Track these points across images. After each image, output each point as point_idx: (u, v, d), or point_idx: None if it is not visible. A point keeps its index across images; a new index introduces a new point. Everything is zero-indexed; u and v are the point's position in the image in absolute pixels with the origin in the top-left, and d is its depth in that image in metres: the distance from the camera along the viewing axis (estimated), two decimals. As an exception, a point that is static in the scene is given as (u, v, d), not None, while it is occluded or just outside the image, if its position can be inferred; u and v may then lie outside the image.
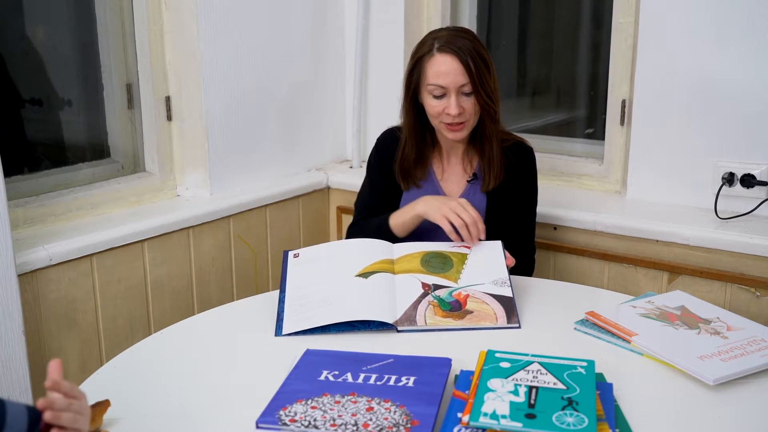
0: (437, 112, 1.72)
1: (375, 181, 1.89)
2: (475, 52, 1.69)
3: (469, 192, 1.82)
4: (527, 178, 1.85)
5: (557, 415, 1.05)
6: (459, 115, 1.70)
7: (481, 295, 1.50)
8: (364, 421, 1.06)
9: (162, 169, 2.21)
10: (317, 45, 2.49)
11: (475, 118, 1.75)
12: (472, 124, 1.75)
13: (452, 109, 1.69)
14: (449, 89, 1.69)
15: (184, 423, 1.14)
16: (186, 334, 1.47)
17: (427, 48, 1.72)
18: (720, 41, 1.94)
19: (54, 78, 2.13)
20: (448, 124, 1.73)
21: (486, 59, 1.71)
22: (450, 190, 1.84)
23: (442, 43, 1.70)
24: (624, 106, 2.17)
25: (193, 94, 2.16)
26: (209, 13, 2.12)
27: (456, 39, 1.70)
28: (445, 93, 1.70)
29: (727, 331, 1.36)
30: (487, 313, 1.46)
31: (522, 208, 1.85)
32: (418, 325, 1.43)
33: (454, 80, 1.68)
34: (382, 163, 1.87)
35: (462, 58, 1.67)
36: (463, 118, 1.72)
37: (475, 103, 1.71)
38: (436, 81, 1.70)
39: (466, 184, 1.83)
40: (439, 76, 1.69)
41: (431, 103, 1.73)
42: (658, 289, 1.98)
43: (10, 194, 1.75)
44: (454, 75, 1.68)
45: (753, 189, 1.94)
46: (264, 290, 2.28)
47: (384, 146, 1.89)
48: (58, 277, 1.82)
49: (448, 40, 1.70)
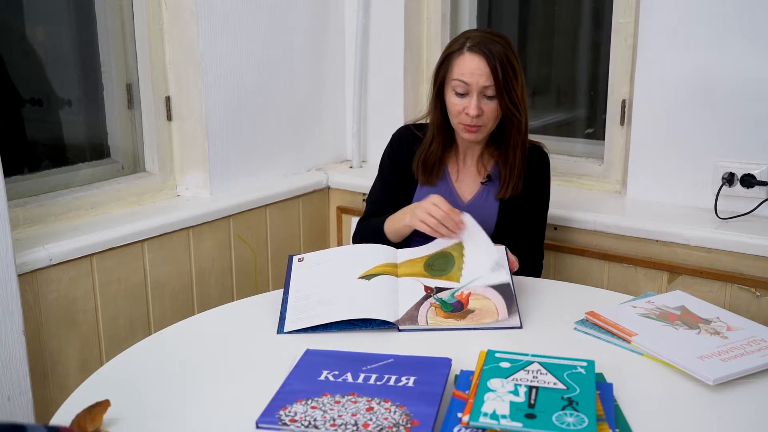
0: (457, 110, 1.72)
1: (387, 179, 1.89)
2: (505, 58, 1.68)
3: (482, 194, 1.82)
4: (541, 184, 1.85)
5: (557, 415, 1.05)
6: (477, 117, 1.70)
7: (482, 290, 1.50)
8: (364, 421, 1.06)
9: (162, 169, 2.21)
10: (317, 45, 2.50)
11: (493, 124, 1.74)
12: (489, 128, 1.75)
13: (472, 110, 1.69)
14: (472, 88, 1.69)
15: (184, 423, 1.14)
16: (186, 334, 1.47)
17: (458, 45, 1.72)
18: (720, 41, 1.94)
19: (54, 78, 2.13)
20: (465, 125, 1.72)
21: (515, 67, 1.70)
22: (463, 191, 1.84)
23: (474, 43, 1.70)
24: (624, 106, 2.17)
25: (193, 94, 2.16)
26: (209, 13, 2.12)
27: (489, 42, 1.69)
28: (468, 92, 1.70)
29: (727, 331, 1.36)
30: (489, 309, 1.47)
31: (534, 214, 1.84)
32: (420, 325, 1.43)
33: (478, 81, 1.68)
34: (395, 161, 1.87)
35: (490, 61, 1.67)
36: (481, 122, 1.71)
37: (497, 108, 1.71)
38: (460, 77, 1.69)
39: (480, 186, 1.83)
40: (464, 74, 1.69)
41: (453, 100, 1.73)
42: (658, 289, 1.98)
43: (10, 194, 1.75)
44: (479, 75, 1.68)
45: (753, 189, 1.94)
46: (264, 290, 2.28)
47: (398, 144, 1.88)
48: (58, 277, 1.82)
49: (481, 41, 1.69)
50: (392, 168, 1.88)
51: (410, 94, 2.51)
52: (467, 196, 1.83)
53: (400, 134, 1.90)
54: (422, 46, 2.53)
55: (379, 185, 1.91)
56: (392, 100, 2.54)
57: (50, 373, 1.84)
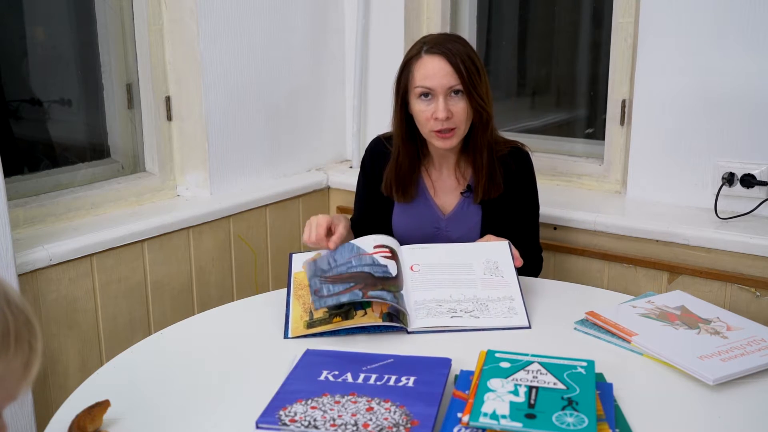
0: (425, 117, 1.66)
1: (362, 198, 1.87)
2: (465, 55, 1.64)
3: (462, 205, 1.77)
4: (526, 183, 1.80)
5: (557, 415, 1.05)
6: (448, 120, 1.64)
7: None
8: (364, 421, 1.06)
9: (162, 169, 2.21)
10: (317, 45, 2.50)
11: (465, 125, 1.68)
12: (462, 131, 1.68)
13: (440, 113, 1.62)
14: (436, 91, 1.64)
15: (183, 423, 1.14)
16: (186, 334, 1.47)
17: (415, 50, 1.68)
18: (720, 41, 1.94)
19: (54, 78, 2.13)
20: (437, 132, 1.66)
21: (477, 65, 1.66)
22: (443, 204, 1.79)
23: (432, 45, 1.66)
24: (624, 106, 2.17)
25: (193, 94, 2.16)
26: (209, 13, 2.12)
27: (446, 42, 1.66)
28: (433, 95, 1.64)
29: (727, 331, 1.36)
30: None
31: (523, 214, 1.80)
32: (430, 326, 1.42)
33: (441, 82, 1.63)
34: (367, 180, 1.84)
35: (451, 59, 1.63)
36: (452, 124, 1.65)
37: (466, 108, 1.65)
38: (423, 83, 1.64)
39: (460, 197, 1.78)
40: (427, 78, 1.64)
41: (419, 107, 1.67)
42: (658, 289, 1.98)
43: (10, 194, 1.75)
44: (442, 76, 1.63)
45: (753, 189, 1.94)
46: (264, 290, 2.28)
47: (371, 158, 1.84)
48: (58, 277, 1.82)
49: (438, 42, 1.66)
50: (367, 186, 1.84)
51: (410, 94, 2.50)
52: (447, 208, 1.78)
53: (372, 148, 1.85)
54: (422, 46, 2.53)
55: (357, 204, 1.88)
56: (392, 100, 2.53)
57: (50, 373, 1.84)
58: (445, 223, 1.78)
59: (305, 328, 1.42)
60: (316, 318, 1.44)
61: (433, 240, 1.75)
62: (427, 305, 1.47)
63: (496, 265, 1.56)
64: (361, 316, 1.42)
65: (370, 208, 1.84)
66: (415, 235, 1.76)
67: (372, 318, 1.41)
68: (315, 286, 1.46)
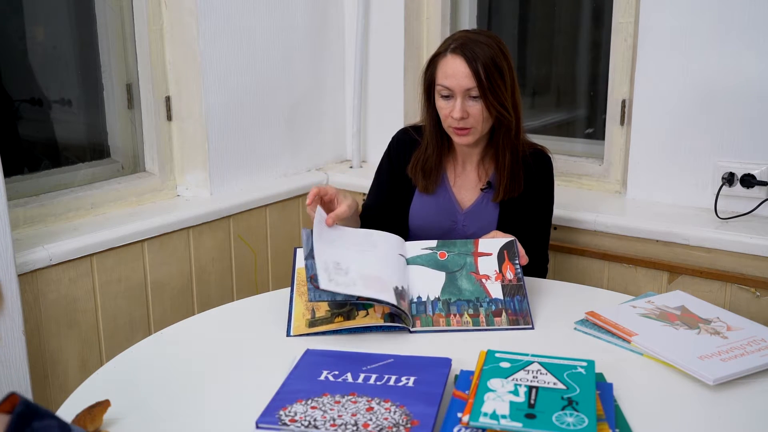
0: (444, 114, 1.69)
1: (383, 183, 1.86)
2: (489, 59, 1.63)
3: (481, 201, 1.78)
4: (544, 187, 1.80)
5: (557, 415, 1.05)
6: (463, 120, 1.66)
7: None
8: (364, 421, 1.06)
9: (162, 169, 2.21)
10: (317, 45, 2.50)
11: (483, 126, 1.69)
12: (480, 131, 1.70)
13: (456, 112, 1.65)
14: (455, 92, 1.66)
15: (184, 423, 1.14)
16: (186, 334, 1.47)
17: (443, 47, 1.70)
18: (720, 41, 1.94)
19: (54, 78, 2.13)
20: (454, 128, 1.69)
21: (501, 68, 1.65)
22: (462, 198, 1.80)
23: (458, 44, 1.66)
24: (624, 106, 2.17)
25: (193, 94, 2.16)
26: (209, 13, 2.12)
27: (473, 43, 1.65)
28: (452, 94, 1.67)
29: (727, 331, 1.36)
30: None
31: (536, 217, 1.80)
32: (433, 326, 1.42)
33: (459, 83, 1.64)
34: (393, 165, 1.84)
35: (471, 63, 1.63)
36: (468, 124, 1.67)
37: (484, 110, 1.66)
38: (443, 82, 1.67)
39: (480, 193, 1.79)
40: (447, 77, 1.66)
41: (439, 104, 1.70)
42: (658, 289, 1.98)
43: (10, 194, 1.75)
44: (460, 78, 1.64)
45: (753, 189, 1.94)
46: (264, 290, 2.28)
47: (397, 147, 1.85)
48: (58, 277, 1.82)
49: (464, 43, 1.66)
50: (390, 172, 1.85)
51: (410, 94, 2.50)
52: (466, 203, 1.80)
53: (399, 138, 1.87)
54: (422, 46, 2.53)
55: (374, 189, 1.88)
56: (392, 100, 2.54)
57: (50, 373, 1.84)
58: (463, 217, 1.78)
59: (307, 326, 1.42)
60: (318, 317, 1.44)
61: (449, 234, 1.77)
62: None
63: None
64: (362, 317, 1.42)
65: (390, 195, 1.85)
66: (432, 227, 1.78)
67: (374, 319, 1.41)
68: (311, 270, 1.42)
